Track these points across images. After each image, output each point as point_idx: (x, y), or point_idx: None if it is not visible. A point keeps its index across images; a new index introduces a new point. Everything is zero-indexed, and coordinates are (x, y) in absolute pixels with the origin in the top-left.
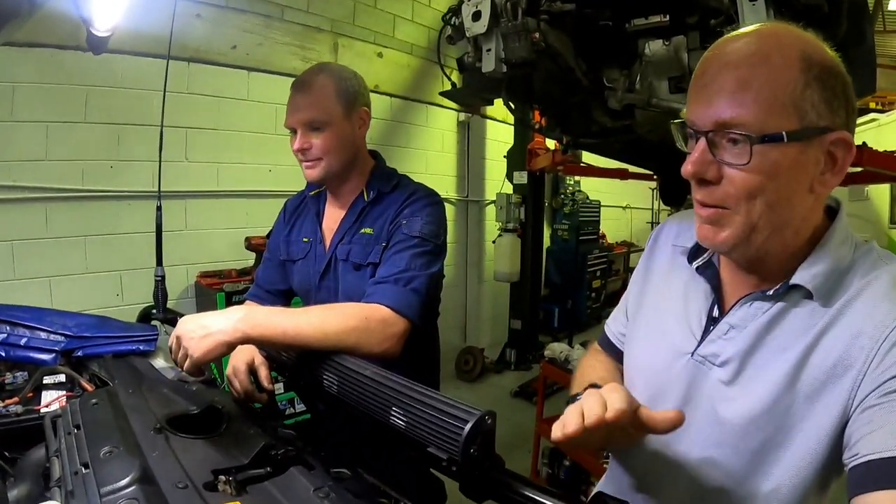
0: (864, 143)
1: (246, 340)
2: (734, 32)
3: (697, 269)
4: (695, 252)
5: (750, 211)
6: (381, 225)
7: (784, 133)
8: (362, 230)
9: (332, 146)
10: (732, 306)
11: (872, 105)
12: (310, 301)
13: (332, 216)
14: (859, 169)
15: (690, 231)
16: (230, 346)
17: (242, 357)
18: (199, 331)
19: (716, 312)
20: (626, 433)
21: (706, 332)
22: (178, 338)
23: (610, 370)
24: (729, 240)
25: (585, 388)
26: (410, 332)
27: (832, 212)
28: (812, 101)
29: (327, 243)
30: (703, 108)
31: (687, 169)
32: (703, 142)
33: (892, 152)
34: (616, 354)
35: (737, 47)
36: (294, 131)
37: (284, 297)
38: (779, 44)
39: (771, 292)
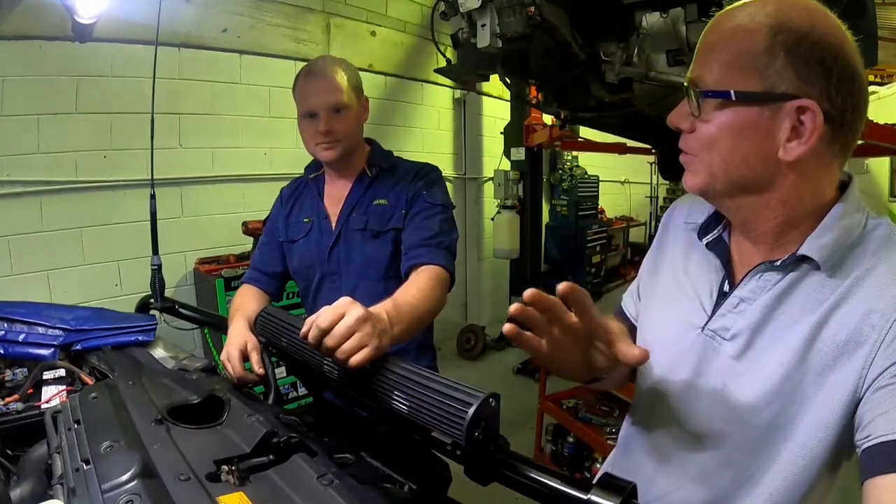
0: None
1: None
2: (737, 3)
3: (707, 244)
4: (705, 228)
5: (709, 161)
6: (397, 194)
7: (732, 91)
8: (376, 202)
9: (351, 129)
10: (742, 279)
11: (872, 78)
12: (311, 278)
13: (335, 195)
14: (859, 142)
15: (701, 208)
16: None
17: (236, 342)
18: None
19: (726, 287)
20: (598, 349)
21: (717, 306)
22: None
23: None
24: (697, 183)
25: None
26: None
27: (846, 187)
28: (776, 67)
29: (333, 219)
30: (690, 68)
31: (668, 118)
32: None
33: (892, 125)
34: (629, 326)
35: (723, 16)
36: (311, 116)
37: (281, 279)
38: (756, 11)
39: (779, 262)
